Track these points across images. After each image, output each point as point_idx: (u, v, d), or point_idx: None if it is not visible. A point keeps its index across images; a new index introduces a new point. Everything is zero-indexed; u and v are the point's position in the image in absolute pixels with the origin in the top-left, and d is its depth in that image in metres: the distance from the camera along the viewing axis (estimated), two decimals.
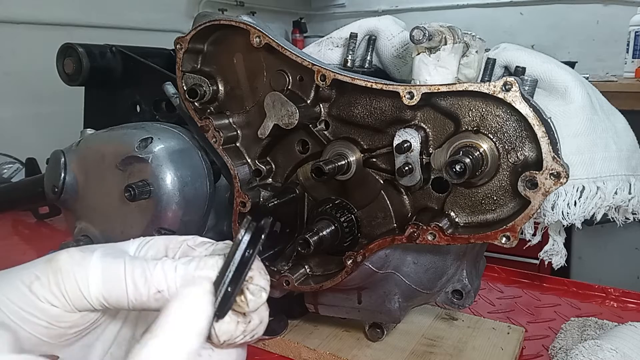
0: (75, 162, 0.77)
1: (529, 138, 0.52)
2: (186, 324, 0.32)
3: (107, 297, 0.35)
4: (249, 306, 0.35)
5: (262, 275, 0.37)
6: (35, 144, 1.32)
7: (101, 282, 0.35)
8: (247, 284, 0.36)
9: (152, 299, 0.35)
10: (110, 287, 0.35)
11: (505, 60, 0.72)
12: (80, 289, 0.34)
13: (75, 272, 0.34)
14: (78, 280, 0.34)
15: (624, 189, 0.69)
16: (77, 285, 0.34)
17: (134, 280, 0.35)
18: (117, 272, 0.35)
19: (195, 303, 0.33)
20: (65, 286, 0.34)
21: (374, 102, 0.60)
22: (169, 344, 0.31)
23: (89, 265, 0.35)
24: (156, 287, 0.35)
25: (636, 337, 0.65)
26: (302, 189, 0.67)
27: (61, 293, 0.34)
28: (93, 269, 0.35)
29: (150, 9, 2.54)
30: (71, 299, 0.34)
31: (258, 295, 0.36)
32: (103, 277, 0.35)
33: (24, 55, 2.00)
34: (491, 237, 0.53)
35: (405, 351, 0.70)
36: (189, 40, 0.66)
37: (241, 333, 0.36)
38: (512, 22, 3.17)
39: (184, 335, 0.32)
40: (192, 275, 0.35)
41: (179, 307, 0.33)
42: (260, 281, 0.36)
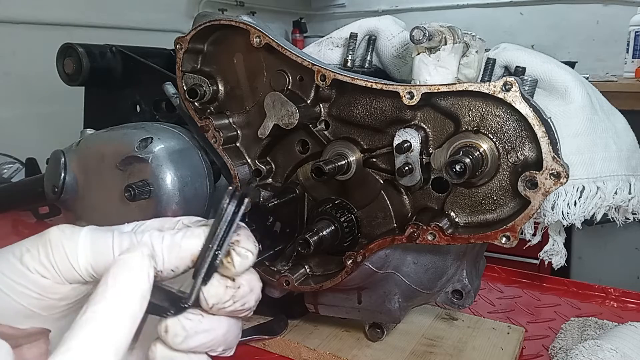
0: (75, 162, 0.77)
1: (529, 138, 0.52)
2: (127, 287, 0.33)
3: (96, 268, 0.35)
4: (235, 267, 0.36)
5: (249, 239, 0.38)
6: (35, 144, 1.32)
7: (90, 253, 0.35)
8: (234, 246, 0.36)
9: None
10: (99, 257, 0.35)
11: (505, 60, 0.72)
12: (69, 261, 0.35)
13: (64, 244, 0.35)
14: (67, 252, 0.35)
15: (624, 189, 0.69)
16: (66, 256, 0.35)
17: (121, 248, 0.35)
18: (105, 244, 0.35)
19: (134, 265, 0.34)
20: (55, 258, 0.35)
21: (374, 102, 0.60)
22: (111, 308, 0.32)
23: (78, 237, 0.36)
24: None
25: (636, 337, 0.65)
26: (302, 189, 0.67)
27: (51, 264, 0.35)
28: (82, 241, 0.35)
29: (150, 9, 2.54)
30: (61, 271, 0.35)
31: (244, 257, 0.36)
32: (92, 249, 0.35)
33: (24, 55, 2.00)
34: (491, 237, 0.53)
35: (405, 351, 0.70)
36: (189, 40, 0.66)
37: (230, 298, 0.36)
38: (512, 22, 3.17)
39: (125, 298, 0.32)
40: (178, 244, 0.36)
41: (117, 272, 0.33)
42: (247, 244, 0.37)
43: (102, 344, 0.31)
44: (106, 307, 0.32)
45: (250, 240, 0.38)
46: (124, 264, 0.34)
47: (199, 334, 0.36)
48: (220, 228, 0.36)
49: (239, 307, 0.37)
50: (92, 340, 0.31)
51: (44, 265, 0.35)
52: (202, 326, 0.36)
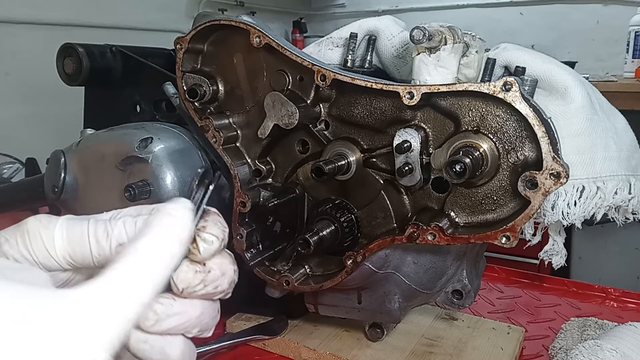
0: (75, 162, 0.77)
1: (529, 138, 0.52)
2: (166, 231, 0.34)
3: (72, 255, 0.36)
4: (200, 252, 0.37)
5: (217, 225, 0.38)
6: (35, 144, 1.32)
7: (66, 240, 0.36)
8: (199, 232, 0.37)
9: (114, 252, 0.36)
10: (75, 244, 0.36)
11: (505, 60, 0.72)
12: (46, 249, 0.36)
13: (41, 233, 0.36)
14: (44, 241, 0.36)
15: (624, 189, 0.69)
16: (43, 245, 0.36)
17: (97, 236, 0.36)
18: (80, 230, 0.36)
19: (174, 213, 0.35)
20: (33, 247, 0.36)
21: (374, 102, 0.60)
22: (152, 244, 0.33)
23: (54, 226, 0.36)
24: (117, 241, 0.36)
25: (636, 337, 0.65)
26: (302, 189, 0.67)
27: (29, 253, 0.36)
28: (58, 230, 0.36)
29: (150, 9, 2.54)
30: (39, 259, 0.36)
31: (209, 243, 0.37)
32: (68, 237, 0.36)
33: (24, 55, 2.00)
34: (491, 237, 0.53)
35: (405, 351, 0.70)
36: (189, 40, 0.66)
37: (200, 282, 0.37)
38: (512, 22, 3.17)
39: (166, 239, 0.33)
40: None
41: (160, 217, 0.34)
42: (213, 229, 0.38)
43: (141, 277, 0.31)
44: (147, 244, 0.33)
45: (217, 226, 0.38)
46: (168, 211, 0.35)
47: (170, 317, 0.36)
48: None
49: (211, 290, 0.38)
50: (131, 272, 0.31)
51: (22, 254, 0.35)
52: (173, 309, 0.37)
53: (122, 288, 0.30)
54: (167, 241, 0.33)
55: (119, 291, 0.30)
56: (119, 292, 0.30)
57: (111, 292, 0.30)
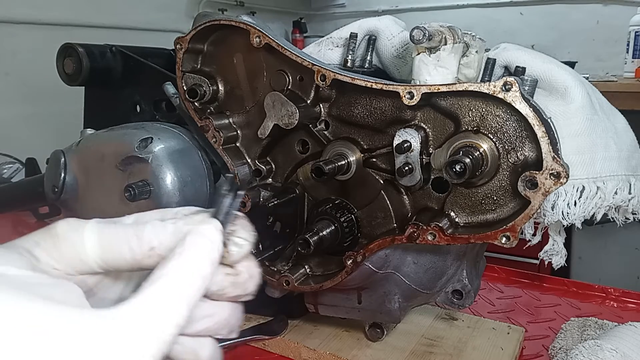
0: (75, 162, 0.77)
1: (529, 138, 0.52)
2: (200, 253, 0.35)
3: (104, 258, 0.36)
4: (232, 256, 0.37)
5: (246, 228, 0.39)
6: (35, 144, 1.32)
7: (97, 244, 0.36)
8: (230, 236, 0.38)
9: (146, 256, 0.36)
10: (106, 248, 0.36)
11: (505, 60, 0.72)
12: (77, 252, 0.36)
13: (72, 236, 0.36)
14: (75, 244, 0.36)
15: (624, 189, 0.69)
16: (74, 248, 0.36)
17: (128, 239, 0.36)
18: (111, 234, 0.37)
19: (207, 234, 0.36)
20: (64, 250, 0.36)
21: (374, 102, 0.60)
22: (186, 267, 0.33)
23: (84, 229, 0.37)
24: (149, 244, 0.36)
25: (636, 337, 0.65)
26: (302, 189, 0.67)
27: (61, 256, 0.36)
28: (89, 233, 0.36)
29: (150, 9, 2.54)
30: (71, 262, 0.36)
31: (240, 246, 0.38)
32: (99, 239, 0.36)
33: (24, 55, 1.99)
34: (491, 237, 0.53)
35: (405, 351, 0.70)
36: (189, 40, 0.66)
37: (230, 284, 0.38)
38: (512, 22, 3.17)
39: (198, 261, 0.34)
40: (181, 230, 0.37)
41: (192, 239, 0.35)
42: (243, 234, 0.38)
43: (175, 297, 0.32)
44: (180, 266, 0.33)
45: (247, 229, 0.39)
46: (202, 232, 0.36)
47: (202, 318, 0.37)
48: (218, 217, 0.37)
49: (240, 292, 0.39)
50: (166, 292, 0.32)
51: (53, 258, 0.36)
52: (204, 312, 0.37)
53: (160, 310, 0.31)
54: (201, 264, 0.34)
55: (156, 313, 0.31)
56: (157, 315, 0.31)
57: (149, 314, 0.30)
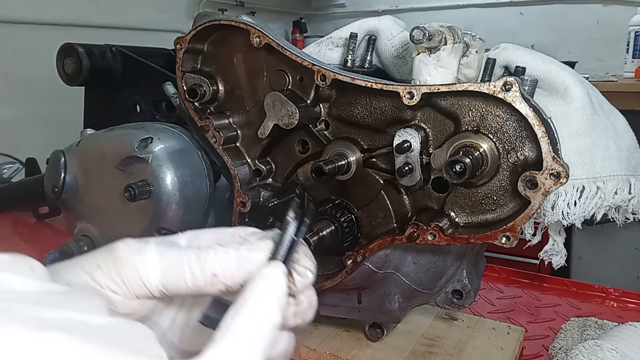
0: (75, 162, 0.77)
1: (529, 138, 0.52)
2: (271, 300, 0.34)
3: (166, 284, 0.37)
4: (297, 286, 0.37)
5: (308, 257, 0.39)
6: (35, 144, 1.32)
7: (159, 269, 0.36)
8: (294, 265, 0.37)
9: (209, 284, 0.36)
10: (169, 273, 0.36)
11: (505, 60, 0.72)
12: (140, 277, 0.36)
13: (134, 260, 0.36)
14: (138, 268, 0.36)
15: (624, 189, 0.69)
16: (137, 272, 0.36)
17: (190, 266, 0.36)
18: (173, 260, 0.37)
19: (276, 281, 0.35)
20: (126, 274, 0.36)
21: (374, 102, 0.60)
22: (258, 316, 0.33)
23: (146, 253, 0.37)
24: (212, 272, 0.36)
25: (636, 337, 0.65)
26: (302, 189, 0.67)
27: (122, 280, 0.36)
28: (151, 257, 0.37)
29: (150, 9, 2.54)
30: (132, 286, 0.36)
31: (304, 276, 0.38)
32: (161, 265, 0.36)
33: (24, 55, 1.99)
34: (491, 237, 0.53)
35: (405, 351, 0.70)
36: (189, 40, 0.66)
37: (292, 314, 0.38)
38: (512, 22, 3.17)
39: (270, 309, 0.34)
40: (244, 257, 0.37)
41: (262, 285, 0.35)
42: (306, 262, 0.38)
43: (251, 350, 0.32)
44: (254, 316, 0.33)
45: (309, 258, 0.39)
46: (270, 277, 0.35)
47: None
48: (283, 244, 0.37)
49: (300, 321, 0.39)
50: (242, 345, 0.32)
51: (114, 281, 0.36)
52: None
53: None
54: (273, 313, 0.34)
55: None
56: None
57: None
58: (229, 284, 0.37)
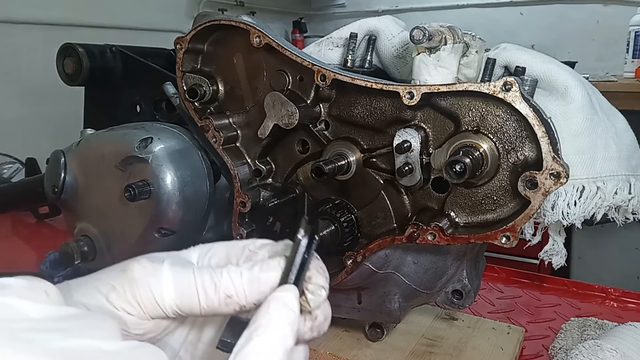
0: (75, 162, 0.77)
1: (529, 138, 0.52)
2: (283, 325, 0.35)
3: (180, 305, 0.37)
4: (310, 305, 0.38)
5: (321, 273, 0.39)
6: (35, 144, 1.32)
7: (174, 291, 0.37)
8: (307, 283, 0.38)
9: (223, 304, 0.37)
10: (183, 295, 0.37)
11: (505, 60, 0.72)
12: (155, 298, 0.37)
13: (149, 282, 0.37)
14: (153, 290, 0.37)
15: (624, 189, 0.69)
16: (152, 294, 0.37)
17: (204, 287, 0.37)
18: (188, 281, 0.37)
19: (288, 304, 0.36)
20: (141, 296, 0.37)
21: (374, 102, 0.60)
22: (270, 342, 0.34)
23: (161, 275, 0.37)
24: (225, 293, 0.37)
25: (636, 337, 0.65)
26: (302, 189, 0.67)
27: (137, 302, 0.37)
28: (165, 279, 0.37)
29: (150, 9, 2.54)
30: (146, 308, 0.37)
31: (317, 294, 0.38)
32: (175, 286, 0.37)
33: (24, 55, 1.99)
34: (491, 237, 0.53)
35: (405, 351, 0.70)
36: (189, 40, 0.66)
37: (308, 330, 0.38)
38: (512, 22, 3.17)
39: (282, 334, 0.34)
40: (257, 278, 0.37)
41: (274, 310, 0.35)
42: (319, 279, 0.39)
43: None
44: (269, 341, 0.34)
45: (321, 274, 0.39)
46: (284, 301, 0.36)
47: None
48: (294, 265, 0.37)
49: (315, 335, 0.39)
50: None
51: (130, 303, 0.36)
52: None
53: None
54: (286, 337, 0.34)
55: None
56: None
57: None
58: (243, 304, 0.37)
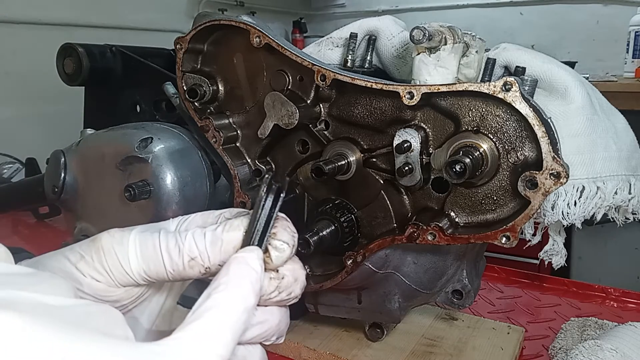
0: (75, 162, 0.77)
1: (529, 138, 0.52)
2: (243, 282, 0.34)
3: (147, 270, 0.37)
4: (273, 261, 0.37)
5: (287, 231, 0.39)
6: (35, 144, 1.32)
7: (140, 256, 0.37)
8: (271, 239, 0.37)
9: (188, 267, 0.37)
10: (149, 260, 0.37)
11: (505, 60, 0.72)
12: (121, 265, 0.37)
13: (115, 249, 0.37)
14: (119, 257, 0.37)
15: (624, 189, 0.69)
16: (118, 261, 0.37)
17: (169, 251, 0.37)
18: (153, 245, 0.37)
19: (248, 262, 0.35)
20: (108, 263, 0.37)
21: (374, 102, 0.60)
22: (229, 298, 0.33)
23: (128, 242, 0.37)
24: (189, 255, 0.37)
25: (636, 337, 0.65)
26: (302, 189, 0.67)
27: (104, 269, 0.37)
28: (132, 245, 0.37)
29: (150, 9, 2.54)
30: (115, 275, 0.37)
31: (281, 250, 0.38)
32: (141, 252, 0.37)
33: (24, 55, 1.99)
34: (491, 237, 0.53)
35: (405, 351, 0.70)
36: (189, 40, 0.66)
37: (275, 289, 0.38)
38: (512, 22, 3.17)
39: (242, 292, 0.34)
40: (220, 238, 0.37)
41: (234, 268, 0.35)
42: (284, 236, 0.38)
43: (223, 331, 0.32)
44: (228, 298, 0.33)
45: (287, 232, 0.39)
46: (246, 261, 0.35)
47: (254, 326, 0.37)
48: (258, 220, 0.36)
49: (285, 297, 0.39)
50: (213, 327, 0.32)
51: (97, 271, 0.37)
52: (256, 319, 0.38)
53: (208, 345, 0.31)
54: (246, 296, 0.34)
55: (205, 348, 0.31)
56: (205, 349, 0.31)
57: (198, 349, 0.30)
58: (208, 265, 0.37)
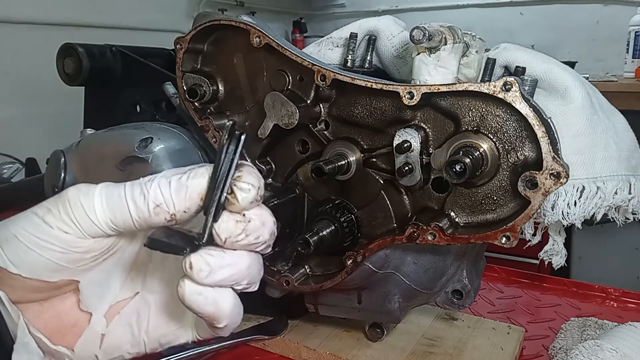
0: (75, 162, 0.77)
1: (529, 138, 0.52)
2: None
3: (113, 219, 0.38)
4: (239, 201, 0.38)
5: (252, 175, 0.39)
6: (35, 144, 1.32)
7: (106, 205, 0.38)
8: (235, 182, 0.38)
9: (153, 214, 0.38)
10: (115, 209, 0.38)
11: (505, 60, 0.72)
12: (88, 215, 0.38)
13: (82, 200, 0.38)
14: (85, 207, 0.38)
15: (624, 189, 0.69)
16: (84, 212, 0.38)
17: (134, 198, 0.38)
18: (118, 194, 0.38)
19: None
20: (75, 214, 0.38)
21: (374, 102, 0.60)
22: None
23: (94, 193, 0.38)
24: (154, 202, 0.38)
25: (636, 337, 0.65)
26: (302, 189, 0.67)
27: (71, 220, 0.38)
28: (97, 196, 0.38)
29: (150, 9, 2.54)
30: (82, 226, 0.38)
31: (246, 191, 0.38)
32: (107, 201, 0.38)
33: (24, 55, 1.99)
34: (491, 237, 0.53)
35: (405, 351, 0.70)
36: (189, 40, 0.66)
37: (242, 231, 0.38)
38: (512, 22, 3.17)
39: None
40: (184, 185, 0.38)
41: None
42: (248, 178, 0.39)
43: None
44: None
45: (252, 175, 0.39)
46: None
47: (222, 268, 0.38)
48: (222, 166, 0.37)
49: (253, 240, 0.39)
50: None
51: (65, 222, 0.38)
52: (225, 261, 0.38)
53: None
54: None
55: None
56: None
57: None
58: (173, 212, 0.38)
